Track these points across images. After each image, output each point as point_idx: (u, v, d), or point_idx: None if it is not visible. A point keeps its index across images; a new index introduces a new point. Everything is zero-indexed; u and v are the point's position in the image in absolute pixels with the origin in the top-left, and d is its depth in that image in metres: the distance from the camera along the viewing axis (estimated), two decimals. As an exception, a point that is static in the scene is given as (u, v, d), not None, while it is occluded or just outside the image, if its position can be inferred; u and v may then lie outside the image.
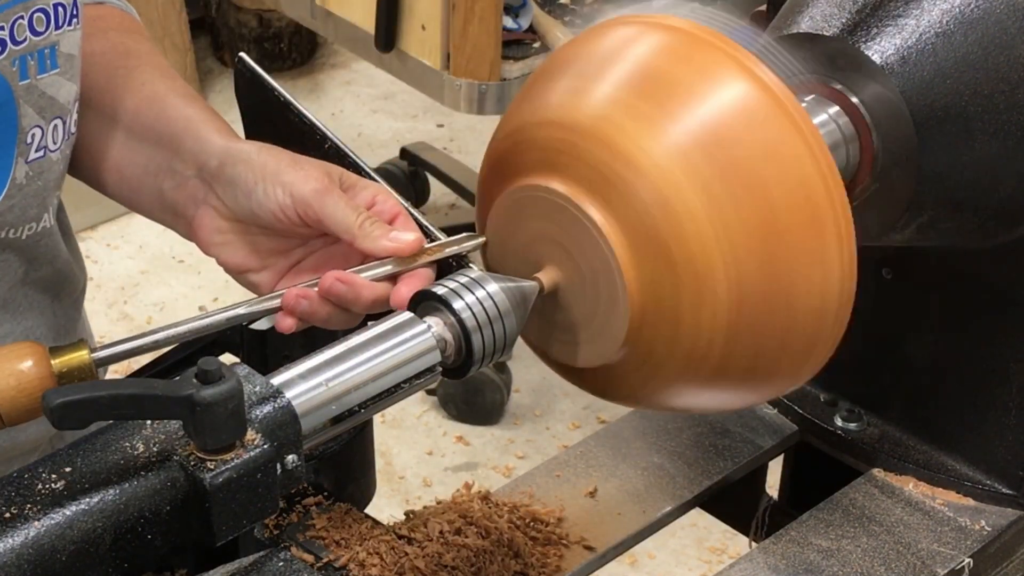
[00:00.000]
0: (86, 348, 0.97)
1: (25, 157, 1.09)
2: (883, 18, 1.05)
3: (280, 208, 1.02)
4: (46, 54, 1.07)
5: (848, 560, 1.15)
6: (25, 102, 1.07)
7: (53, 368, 0.96)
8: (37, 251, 1.15)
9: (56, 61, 1.08)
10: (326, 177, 1.02)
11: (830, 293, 0.93)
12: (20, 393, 0.93)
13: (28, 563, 0.79)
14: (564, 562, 1.14)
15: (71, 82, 1.10)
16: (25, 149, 1.09)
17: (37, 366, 0.96)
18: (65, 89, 1.10)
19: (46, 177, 1.11)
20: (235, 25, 4.09)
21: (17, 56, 1.05)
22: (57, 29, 1.07)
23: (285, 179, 1.02)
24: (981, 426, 1.23)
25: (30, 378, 0.94)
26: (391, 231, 1.00)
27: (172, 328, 0.99)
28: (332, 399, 0.89)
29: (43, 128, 1.09)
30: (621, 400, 1.04)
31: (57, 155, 1.12)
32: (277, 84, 1.15)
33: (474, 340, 0.93)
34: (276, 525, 1.11)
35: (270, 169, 1.03)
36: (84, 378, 0.98)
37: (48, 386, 0.97)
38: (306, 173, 1.02)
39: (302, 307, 1.00)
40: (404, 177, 3.50)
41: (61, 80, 1.09)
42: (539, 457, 2.82)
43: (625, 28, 0.97)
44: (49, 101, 1.09)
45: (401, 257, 1.00)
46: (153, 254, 3.41)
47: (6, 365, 0.94)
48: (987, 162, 1.06)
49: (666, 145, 0.91)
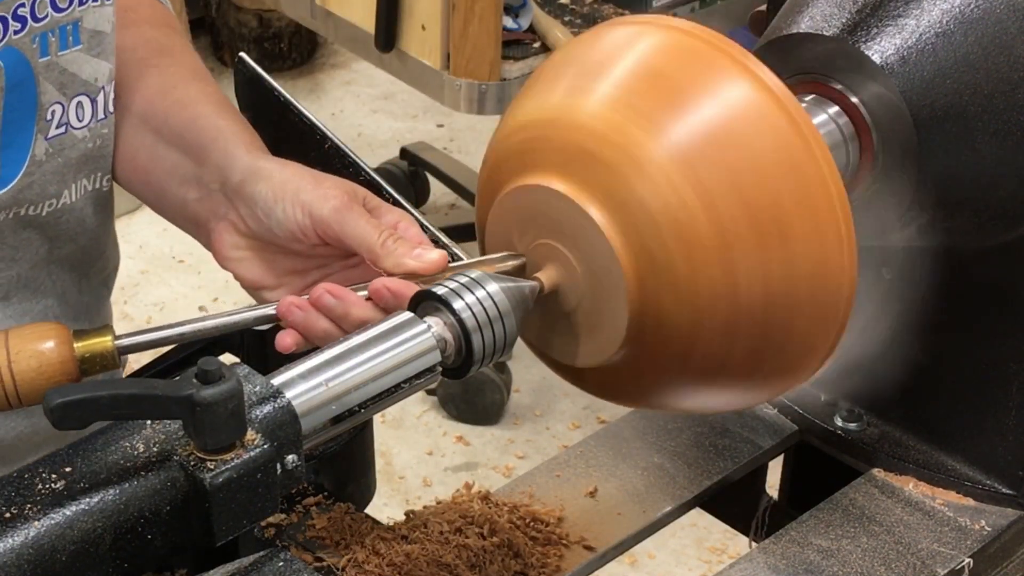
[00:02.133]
0: (110, 334, 0.97)
1: (45, 134, 1.09)
2: (883, 18, 1.05)
3: (299, 228, 1.02)
4: (68, 31, 1.06)
5: (848, 560, 1.15)
6: (45, 79, 1.06)
7: (76, 352, 0.96)
8: (59, 228, 1.14)
9: (79, 37, 1.07)
10: (346, 195, 1.02)
11: (830, 293, 0.93)
12: (40, 375, 0.93)
13: (28, 563, 0.79)
14: (564, 562, 1.14)
15: (98, 59, 1.09)
16: (45, 126, 1.08)
17: (59, 348, 0.95)
18: (90, 66, 1.09)
19: (67, 154, 1.11)
20: (235, 25, 4.09)
21: (38, 33, 1.05)
22: (81, 5, 1.07)
23: (304, 198, 1.01)
24: (981, 426, 1.23)
25: (51, 360, 0.94)
26: (415, 248, 0.99)
27: (198, 322, 0.99)
28: (332, 399, 0.89)
29: (64, 105, 1.08)
30: (621, 400, 1.04)
31: (84, 132, 1.11)
32: (277, 84, 1.15)
33: (474, 340, 0.93)
34: (276, 525, 1.11)
35: (290, 188, 1.02)
36: (106, 365, 0.98)
37: (69, 369, 0.97)
38: (326, 192, 1.01)
39: (294, 316, 0.99)
40: (404, 177, 3.50)
41: (85, 57, 1.08)
42: (539, 457, 2.82)
43: (625, 28, 0.97)
44: (71, 78, 1.08)
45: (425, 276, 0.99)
46: (153, 254, 3.40)
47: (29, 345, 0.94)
48: (987, 162, 1.06)
49: (666, 145, 0.91)
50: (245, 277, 1.08)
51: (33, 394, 0.94)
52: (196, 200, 1.09)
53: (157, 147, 1.12)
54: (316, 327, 0.99)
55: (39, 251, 1.14)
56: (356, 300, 0.99)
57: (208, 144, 1.08)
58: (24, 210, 1.10)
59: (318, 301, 0.99)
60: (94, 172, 1.15)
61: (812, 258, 0.92)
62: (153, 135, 1.13)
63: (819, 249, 0.92)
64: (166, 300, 3.31)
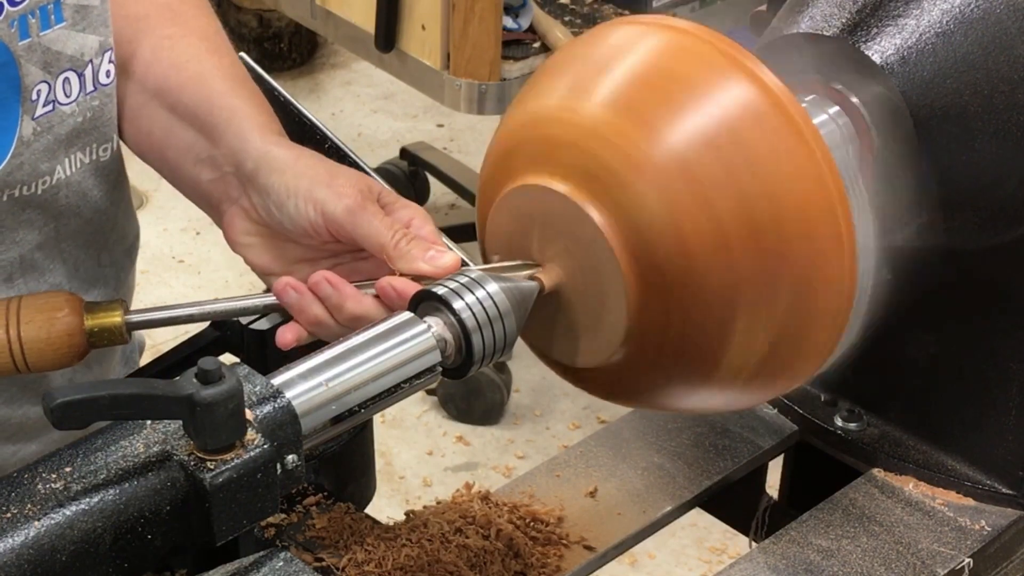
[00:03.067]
0: (120, 309, 0.98)
1: (31, 114, 1.08)
2: (883, 18, 1.05)
3: (311, 225, 1.02)
4: (49, 10, 1.06)
5: (848, 560, 1.15)
6: (27, 61, 1.06)
7: (85, 324, 0.96)
8: (58, 205, 1.13)
9: (62, 15, 1.07)
10: (360, 194, 1.01)
11: (831, 293, 0.93)
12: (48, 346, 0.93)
13: (28, 563, 0.79)
14: (564, 562, 1.14)
15: (84, 33, 1.08)
16: (31, 107, 1.08)
17: (69, 317, 0.96)
18: (75, 41, 1.08)
19: (56, 131, 1.10)
20: (235, 25, 4.09)
21: (15, 17, 1.04)
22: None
23: (317, 196, 1.01)
24: (981, 426, 1.23)
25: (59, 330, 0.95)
26: (428, 250, 0.99)
27: (208, 304, 0.99)
28: (332, 399, 0.89)
29: (50, 83, 1.08)
30: (621, 400, 1.04)
31: (72, 107, 1.10)
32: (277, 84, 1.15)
33: (474, 340, 0.93)
34: (276, 525, 1.11)
35: (304, 184, 1.02)
36: (114, 340, 0.99)
37: (77, 341, 0.98)
38: (340, 190, 1.01)
39: (289, 296, 0.99)
40: (404, 177, 3.50)
41: (70, 33, 1.07)
42: (539, 457, 2.82)
43: (626, 29, 0.97)
44: (55, 56, 1.07)
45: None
46: (153, 254, 3.41)
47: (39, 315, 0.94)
48: (987, 162, 1.06)
49: (666, 145, 0.91)
50: (255, 263, 1.08)
51: (42, 363, 0.95)
52: (210, 181, 1.09)
53: (172, 124, 1.12)
54: (309, 311, 1.00)
55: (44, 231, 1.13)
56: (353, 293, 0.99)
57: (222, 125, 1.08)
58: (17, 191, 1.09)
59: (316, 287, 0.99)
60: (88, 145, 1.13)
61: (811, 258, 0.92)
62: (168, 111, 1.12)
63: (819, 249, 0.92)
64: (166, 300, 3.30)
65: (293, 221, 1.03)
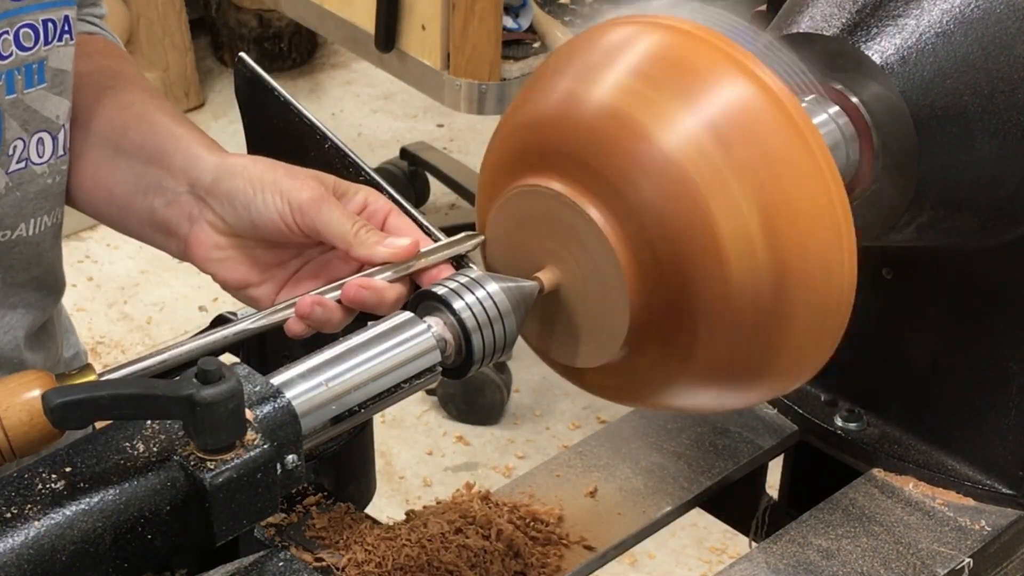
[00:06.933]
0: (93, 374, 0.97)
1: (6, 168, 1.10)
2: (883, 18, 1.05)
3: (280, 216, 1.03)
4: (34, 69, 1.08)
5: (848, 560, 1.15)
6: (10, 116, 1.08)
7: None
8: (12, 259, 1.15)
9: (44, 76, 1.09)
10: (320, 186, 1.03)
11: (831, 293, 0.93)
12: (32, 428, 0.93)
13: (28, 563, 0.79)
14: (564, 562, 1.15)
15: (59, 96, 1.11)
16: (6, 160, 1.09)
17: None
18: (52, 103, 1.10)
19: (26, 188, 1.12)
20: (235, 25, 4.09)
21: (4, 71, 1.06)
22: (46, 44, 1.08)
23: (283, 187, 1.03)
24: (981, 426, 1.23)
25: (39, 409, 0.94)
26: (386, 238, 1.01)
27: (180, 346, 0.99)
28: (332, 399, 0.89)
29: (25, 141, 1.10)
30: (621, 400, 1.04)
31: (43, 168, 1.12)
32: (277, 84, 1.15)
33: (474, 340, 0.93)
34: (276, 525, 1.11)
35: (268, 179, 1.04)
36: None
37: None
38: (301, 182, 1.03)
39: (317, 314, 1.00)
40: (404, 177, 3.50)
41: (48, 95, 1.10)
42: (539, 457, 2.82)
43: (625, 28, 0.97)
44: (33, 115, 1.09)
45: (398, 262, 1.00)
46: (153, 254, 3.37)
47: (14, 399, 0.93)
48: (987, 162, 1.06)
49: (664, 146, 0.91)
50: (229, 278, 1.08)
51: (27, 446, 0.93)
52: (164, 206, 1.09)
53: (118, 160, 1.13)
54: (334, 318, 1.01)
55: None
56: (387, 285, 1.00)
57: (170, 150, 1.09)
58: None
59: (355, 299, 1.00)
60: (53, 208, 1.15)
61: (812, 258, 0.92)
62: (113, 150, 1.13)
63: (819, 249, 0.92)
64: (166, 300, 3.31)
65: (262, 215, 1.03)
